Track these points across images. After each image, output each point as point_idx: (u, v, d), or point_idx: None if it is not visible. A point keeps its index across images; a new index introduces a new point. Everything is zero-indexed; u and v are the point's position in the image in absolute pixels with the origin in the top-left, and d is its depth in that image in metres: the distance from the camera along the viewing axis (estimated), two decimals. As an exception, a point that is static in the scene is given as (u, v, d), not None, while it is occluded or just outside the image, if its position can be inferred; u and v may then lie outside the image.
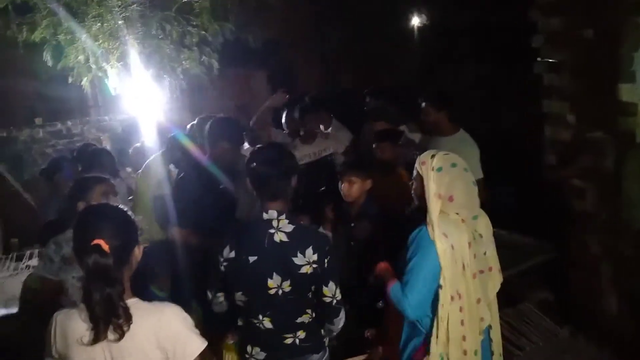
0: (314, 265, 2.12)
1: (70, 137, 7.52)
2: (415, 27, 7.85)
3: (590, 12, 3.13)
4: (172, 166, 3.96)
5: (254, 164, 2.17)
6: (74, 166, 4.46)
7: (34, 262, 6.13)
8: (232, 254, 2.15)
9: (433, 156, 2.24)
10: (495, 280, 2.36)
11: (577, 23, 3.20)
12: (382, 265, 2.47)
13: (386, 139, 3.72)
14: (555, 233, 3.83)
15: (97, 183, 2.71)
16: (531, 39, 3.55)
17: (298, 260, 2.11)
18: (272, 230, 2.12)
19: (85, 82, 5.72)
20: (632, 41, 2.92)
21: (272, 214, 2.13)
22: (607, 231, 3.34)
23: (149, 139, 4.56)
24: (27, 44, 5.40)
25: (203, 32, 5.47)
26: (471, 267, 2.19)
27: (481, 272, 2.25)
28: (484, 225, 2.31)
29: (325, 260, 2.14)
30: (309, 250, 2.11)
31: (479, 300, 2.22)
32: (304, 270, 2.12)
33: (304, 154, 4.35)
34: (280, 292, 2.14)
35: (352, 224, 3.25)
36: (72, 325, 1.61)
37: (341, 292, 3.07)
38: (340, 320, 2.26)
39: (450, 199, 2.18)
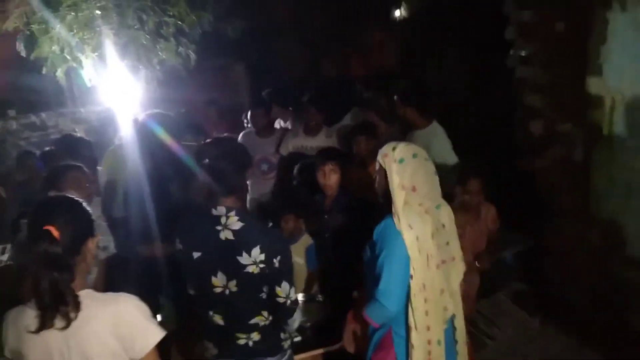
0: (261, 265, 2.04)
1: (44, 129, 7.38)
2: (397, 17, 7.88)
3: (561, 5, 3.17)
4: None
5: (207, 159, 2.10)
6: (46, 158, 4.41)
7: (4, 257, 6.06)
8: (180, 246, 2.12)
9: (394, 148, 2.26)
10: (459, 270, 2.39)
11: (549, 16, 3.25)
12: (350, 320, 2.53)
13: (363, 133, 3.74)
14: (529, 224, 3.89)
15: (69, 170, 2.70)
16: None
17: (243, 259, 2.03)
18: (219, 227, 2.05)
19: (59, 73, 5.61)
20: (600, 34, 2.97)
21: (221, 210, 2.07)
22: (577, 221, 3.40)
23: (124, 132, 4.51)
24: (-1, 34, 5.30)
25: (180, 23, 5.40)
26: (435, 257, 2.22)
27: (443, 262, 2.28)
28: (447, 214, 2.34)
29: (275, 260, 2.06)
30: (256, 250, 2.03)
31: (442, 291, 2.25)
32: (249, 269, 2.04)
33: (302, 145, 4.33)
34: (227, 291, 2.09)
35: (326, 216, 3.26)
36: (23, 318, 1.60)
37: (319, 282, 3.08)
38: (295, 321, 2.21)
39: (414, 189, 2.20)
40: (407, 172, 2.20)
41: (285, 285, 2.10)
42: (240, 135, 4.66)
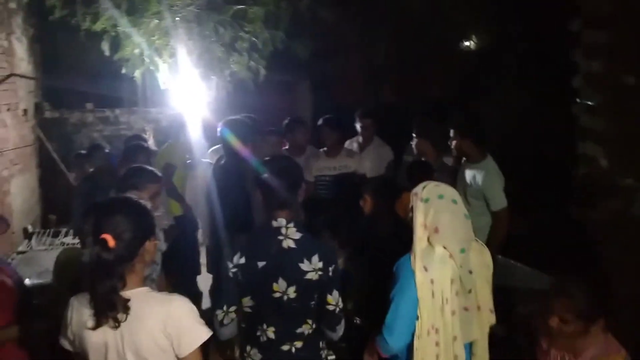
0: (320, 273, 2.20)
1: (117, 124, 7.82)
2: (462, 50, 7.93)
3: (632, 58, 3.15)
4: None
5: (263, 175, 2.28)
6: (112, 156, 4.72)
7: (69, 239, 6.44)
8: (242, 260, 2.22)
9: (424, 187, 2.25)
10: (483, 320, 2.28)
11: (619, 68, 3.22)
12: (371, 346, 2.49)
13: (417, 172, 3.70)
14: (577, 274, 3.81)
15: (154, 182, 2.82)
16: (572, 79, 3.57)
17: (304, 266, 2.19)
18: (280, 237, 2.21)
19: (137, 74, 6.00)
20: (671, 92, 2.94)
21: (281, 221, 2.23)
22: (630, 278, 3.31)
23: (190, 134, 4.76)
24: (88, 33, 5.71)
25: (254, 39, 5.67)
26: (452, 303, 2.15)
27: (465, 309, 2.20)
28: (477, 261, 2.25)
29: (330, 269, 2.23)
30: (315, 258, 2.20)
31: (455, 338, 2.17)
32: (309, 276, 2.20)
33: (324, 166, 4.41)
34: (285, 297, 2.21)
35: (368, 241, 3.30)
36: (83, 311, 1.71)
37: (359, 304, 3.13)
38: (341, 329, 2.32)
39: (436, 230, 2.16)
40: (430, 212, 2.18)
41: (335, 293, 2.25)
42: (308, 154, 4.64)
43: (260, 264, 2.20)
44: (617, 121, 3.28)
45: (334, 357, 3.18)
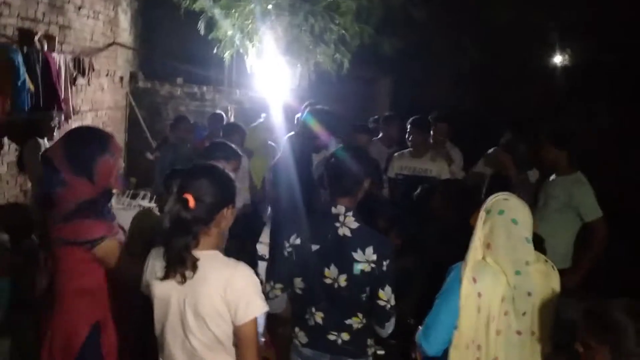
0: (372, 265, 2.17)
1: (202, 101, 8.17)
2: (552, 64, 7.64)
3: None
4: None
5: (333, 159, 2.31)
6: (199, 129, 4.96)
7: (146, 202, 6.84)
8: (298, 241, 2.23)
9: (494, 198, 2.15)
10: (536, 347, 2.14)
11: None
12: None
13: (496, 188, 3.64)
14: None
15: (234, 158, 2.93)
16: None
17: (357, 256, 2.17)
18: (337, 224, 2.21)
19: (227, 55, 6.25)
20: None
21: (340, 209, 2.22)
22: None
23: (272, 117, 4.94)
24: (187, 12, 6.00)
25: (343, 32, 5.74)
26: (498, 321, 2.04)
27: (518, 332, 2.08)
28: (541, 283, 2.11)
29: (384, 263, 2.19)
30: (370, 249, 2.17)
31: (496, 359, 2.06)
32: (360, 266, 2.18)
33: (405, 165, 4.38)
34: (335, 285, 2.21)
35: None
36: (157, 260, 1.80)
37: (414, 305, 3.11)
38: (390, 326, 2.28)
39: (489, 246, 2.09)
40: (487, 225, 2.10)
41: (388, 289, 2.20)
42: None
43: (314, 247, 2.22)
44: None
45: (383, 352, 3.23)
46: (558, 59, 7.57)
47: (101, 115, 6.67)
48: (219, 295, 1.73)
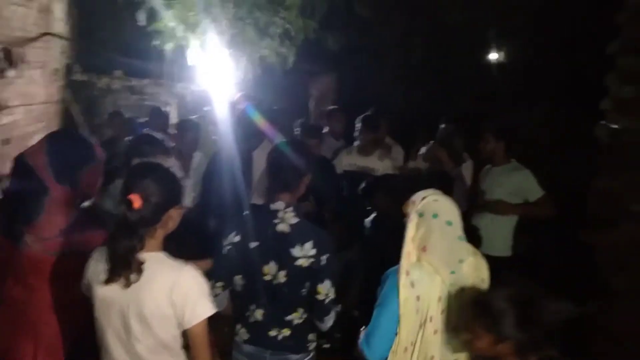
0: (311, 260, 2.20)
1: (142, 94, 7.91)
2: (497, 61, 7.91)
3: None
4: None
5: (274, 154, 2.31)
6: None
7: (86, 203, 6.55)
8: (237, 238, 2.24)
9: (423, 198, 2.14)
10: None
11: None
12: None
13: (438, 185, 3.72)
14: (585, 298, 3.80)
15: (161, 153, 2.78)
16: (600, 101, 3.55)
17: (295, 251, 2.20)
18: (276, 221, 2.23)
19: (168, 47, 6.06)
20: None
21: (279, 204, 2.24)
22: (637, 305, 3.30)
23: (215, 112, 4.83)
24: (127, 1, 5.78)
25: (288, 25, 5.69)
26: (436, 321, 2.09)
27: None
28: (472, 276, 2.15)
29: (323, 257, 2.22)
30: (309, 244, 2.20)
31: (432, 358, 2.10)
32: (300, 262, 2.20)
33: (352, 162, 4.39)
34: (275, 281, 2.23)
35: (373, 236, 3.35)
36: (100, 262, 1.76)
37: (358, 297, 3.15)
38: (330, 320, 2.31)
39: (424, 249, 2.10)
40: (422, 229, 2.10)
41: (327, 283, 2.24)
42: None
43: (253, 244, 2.21)
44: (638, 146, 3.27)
45: (328, 345, 3.24)
46: (502, 59, 7.85)
47: (33, 110, 6.31)
48: (166, 298, 1.70)
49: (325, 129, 4.86)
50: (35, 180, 1.95)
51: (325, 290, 2.24)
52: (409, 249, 2.11)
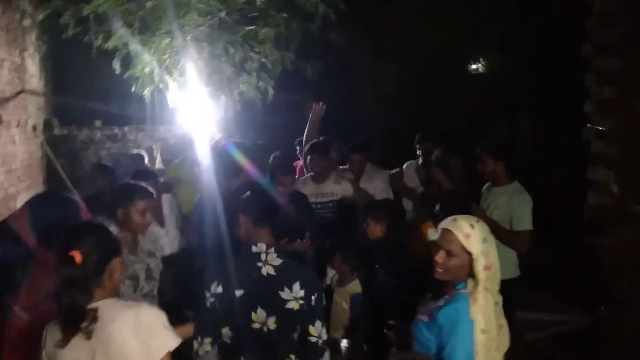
0: (301, 302, 2.09)
1: (124, 142, 7.85)
2: (472, 76, 7.98)
3: (645, 85, 3.12)
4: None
5: (246, 193, 2.23)
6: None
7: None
8: (220, 289, 2.12)
9: (473, 226, 2.10)
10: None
11: (631, 94, 3.19)
12: None
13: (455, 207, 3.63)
14: (590, 303, 3.74)
15: (141, 197, 2.75)
16: (584, 104, 3.54)
17: (285, 294, 2.09)
18: (259, 264, 2.12)
19: (147, 92, 6.04)
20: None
21: (261, 246, 2.13)
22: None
23: (197, 152, 4.74)
24: (100, 51, 5.77)
25: (264, 59, 5.71)
26: (497, 338, 2.10)
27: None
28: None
29: (313, 297, 2.12)
30: (296, 285, 2.09)
31: None
32: (290, 305, 2.09)
33: (309, 192, 4.25)
34: (265, 328, 2.11)
35: (377, 266, 3.26)
36: (56, 329, 1.78)
37: (364, 333, 3.03)
38: None
39: (490, 267, 2.09)
40: (492, 252, 2.10)
41: (318, 324, 2.14)
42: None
43: (238, 292, 2.10)
44: (629, 147, 3.24)
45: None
46: (479, 73, 7.93)
47: (15, 170, 6.23)
48: (130, 331, 1.73)
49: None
50: (19, 245, 2.00)
51: (317, 331, 2.13)
52: (482, 278, 2.06)
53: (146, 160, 5.25)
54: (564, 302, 4.25)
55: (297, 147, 5.25)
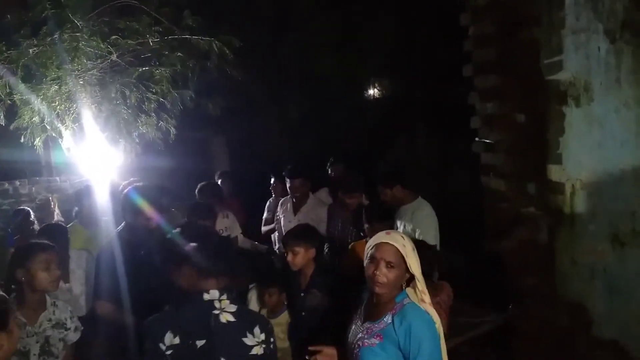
0: (263, 345, 2.05)
1: (17, 197, 7.27)
2: (369, 99, 8.32)
3: (522, 99, 3.41)
4: None
5: (190, 244, 2.14)
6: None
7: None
8: (177, 340, 1.98)
9: (404, 237, 2.28)
10: None
11: (510, 108, 3.47)
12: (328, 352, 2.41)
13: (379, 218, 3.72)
14: (500, 302, 3.95)
15: (40, 251, 2.62)
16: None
17: (248, 340, 2.03)
18: (216, 312, 2.03)
19: (37, 142, 5.67)
20: (557, 127, 3.19)
21: (214, 293, 2.05)
22: (544, 303, 3.47)
23: (98, 201, 4.50)
24: (-20, 103, 5.36)
25: (162, 99, 5.58)
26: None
27: None
28: None
29: (272, 340, 2.10)
30: (257, 329, 2.05)
31: None
32: (254, 351, 2.03)
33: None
34: None
35: (302, 294, 3.25)
36: None
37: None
38: None
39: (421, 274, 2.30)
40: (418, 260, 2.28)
41: None
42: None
43: (200, 342, 1.98)
44: (514, 156, 3.51)
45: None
46: (375, 97, 8.28)
47: None
48: None
49: None
50: None
51: None
52: (423, 283, 2.27)
53: (32, 217, 4.91)
54: (476, 305, 4.46)
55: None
